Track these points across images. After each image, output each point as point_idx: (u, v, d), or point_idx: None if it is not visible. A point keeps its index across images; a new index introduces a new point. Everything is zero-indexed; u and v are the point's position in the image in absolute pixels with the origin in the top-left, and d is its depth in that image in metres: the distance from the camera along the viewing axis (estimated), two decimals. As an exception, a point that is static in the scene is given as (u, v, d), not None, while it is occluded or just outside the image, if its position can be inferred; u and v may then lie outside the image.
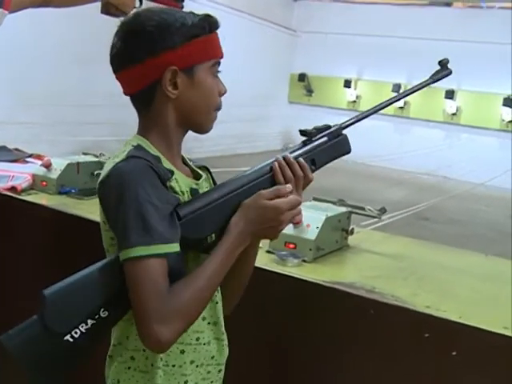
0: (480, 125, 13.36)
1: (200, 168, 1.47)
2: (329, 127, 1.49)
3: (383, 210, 2.27)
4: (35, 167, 2.79)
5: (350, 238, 2.23)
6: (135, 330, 1.19)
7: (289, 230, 2.01)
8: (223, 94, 1.40)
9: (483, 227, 9.14)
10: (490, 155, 13.03)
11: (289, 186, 1.32)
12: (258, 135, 14.03)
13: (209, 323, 1.38)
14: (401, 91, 13.91)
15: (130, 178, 1.20)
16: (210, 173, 1.49)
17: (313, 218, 2.06)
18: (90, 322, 1.17)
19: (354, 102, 14.81)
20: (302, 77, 15.27)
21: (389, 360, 1.72)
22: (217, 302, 1.40)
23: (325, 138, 1.47)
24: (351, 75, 14.68)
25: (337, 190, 10.19)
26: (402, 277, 1.97)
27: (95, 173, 2.73)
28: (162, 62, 1.30)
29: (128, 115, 1.62)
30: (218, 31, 1.38)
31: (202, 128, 1.40)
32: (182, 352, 1.33)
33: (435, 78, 1.64)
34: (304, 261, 1.99)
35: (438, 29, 12.98)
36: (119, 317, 1.25)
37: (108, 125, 9.13)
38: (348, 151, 1.54)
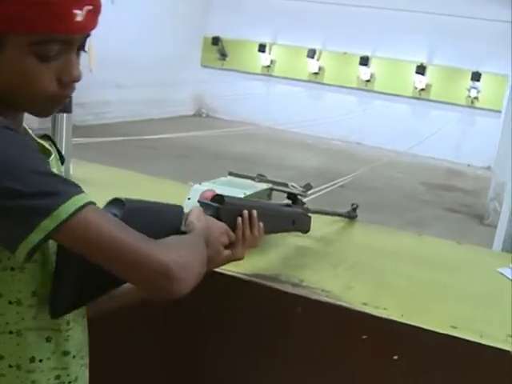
0: (393, 92, 13.43)
1: (43, 138, 1.14)
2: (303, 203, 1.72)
3: (308, 187, 1.99)
4: None
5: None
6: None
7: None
8: (73, 81, 1.02)
9: (397, 194, 9.17)
10: (403, 122, 13.16)
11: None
12: (170, 100, 13.61)
13: (74, 356, 1.09)
14: (315, 56, 13.83)
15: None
16: (55, 144, 1.16)
17: (229, 196, 1.76)
18: None
19: (269, 66, 14.56)
20: (216, 40, 14.87)
21: (320, 366, 1.46)
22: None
23: (300, 210, 1.63)
24: (266, 39, 14.39)
25: (251, 156, 10.00)
26: (331, 264, 1.71)
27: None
28: None
29: None
30: None
31: (34, 114, 1.05)
32: None
33: (343, 214, 2.12)
34: (220, 248, 1.70)
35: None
36: None
37: None
38: (307, 231, 1.68)
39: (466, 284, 1.71)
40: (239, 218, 1.30)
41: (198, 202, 1.32)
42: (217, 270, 1.53)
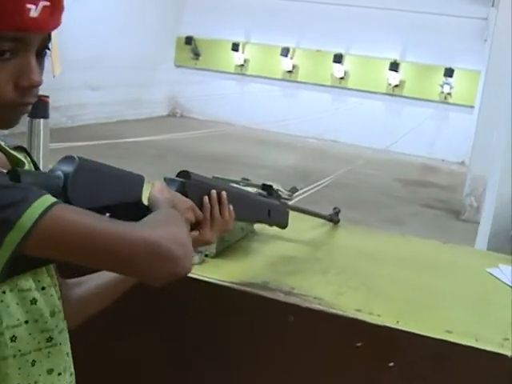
0: (367, 89, 13.47)
1: (17, 149, 1.04)
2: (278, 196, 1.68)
3: (294, 190, 1.97)
4: None
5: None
6: None
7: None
8: (32, 86, 0.90)
9: (373, 191, 9.18)
10: (377, 118, 13.21)
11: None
12: (144, 101, 13.51)
13: (59, 374, 1.01)
14: (289, 55, 13.81)
15: None
16: (30, 155, 1.08)
17: (214, 202, 1.72)
18: None
19: (242, 65, 14.52)
20: (189, 40, 14.78)
21: (315, 375, 1.43)
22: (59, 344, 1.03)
23: (277, 202, 1.61)
24: (239, 38, 14.33)
25: (227, 156, 9.95)
26: (320, 270, 1.68)
27: None
28: None
29: None
30: None
31: None
32: None
33: (326, 217, 2.07)
34: (206, 255, 1.66)
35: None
36: None
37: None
38: (285, 226, 1.66)
39: (456, 286, 1.70)
40: (206, 197, 1.23)
41: (164, 179, 1.23)
42: (207, 279, 1.50)
